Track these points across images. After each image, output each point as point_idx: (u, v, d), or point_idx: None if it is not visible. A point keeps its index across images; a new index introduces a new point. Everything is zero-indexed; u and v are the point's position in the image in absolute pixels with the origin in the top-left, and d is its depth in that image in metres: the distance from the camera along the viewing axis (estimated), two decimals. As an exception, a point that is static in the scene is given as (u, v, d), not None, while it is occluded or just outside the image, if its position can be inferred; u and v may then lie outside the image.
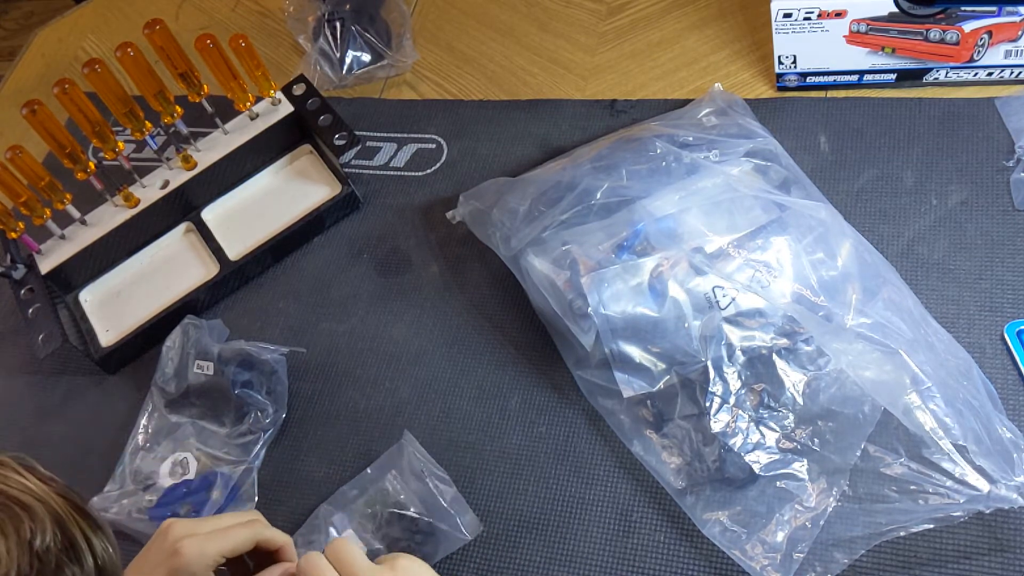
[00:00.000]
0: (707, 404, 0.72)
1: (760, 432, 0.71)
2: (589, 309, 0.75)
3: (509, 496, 0.77)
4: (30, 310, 0.89)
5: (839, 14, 0.86)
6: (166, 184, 0.94)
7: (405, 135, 1.01)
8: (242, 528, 0.65)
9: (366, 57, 1.05)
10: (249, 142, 0.95)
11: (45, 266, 0.91)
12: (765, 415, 0.72)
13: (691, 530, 0.71)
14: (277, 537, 0.67)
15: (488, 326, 0.86)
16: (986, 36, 0.84)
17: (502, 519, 0.76)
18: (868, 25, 0.86)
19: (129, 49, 0.86)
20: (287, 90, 0.97)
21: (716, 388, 0.72)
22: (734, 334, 0.73)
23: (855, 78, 0.90)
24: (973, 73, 0.87)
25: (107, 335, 0.92)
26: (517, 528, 0.75)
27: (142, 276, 0.96)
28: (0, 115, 1.17)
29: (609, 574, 0.72)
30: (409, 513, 0.75)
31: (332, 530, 0.75)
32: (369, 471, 0.79)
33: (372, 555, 0.66)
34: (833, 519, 0.68)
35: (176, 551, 0.62)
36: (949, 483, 0.66)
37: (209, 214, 0.97)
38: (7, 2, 2.55)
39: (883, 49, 0.87)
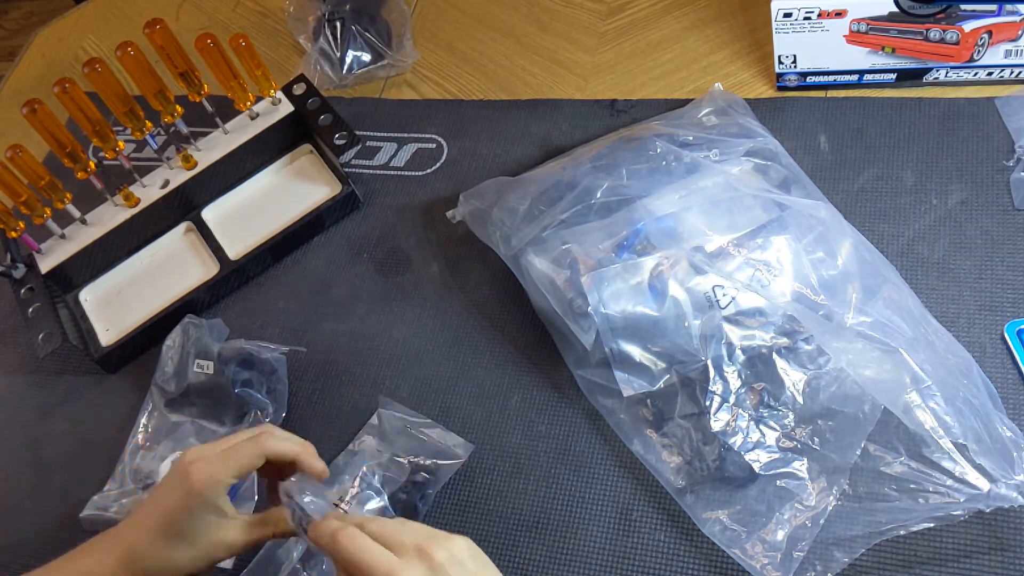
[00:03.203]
0: (707, 403, 0.72)
1: (760, 431, 0.71)
2: (589, 308, 0.75)
3: (509, 495, 0.77)
4: (30, 309, 0.89)
5: (839, 14, 0.86)
6: (166, 184, 0.94)
7: (405, 135, 1.01)
8: (248, 444, 0.63)
9: (366, 57, 1.05)
10: (249, 142, 0.95)
11: (45, 265, 0.91)
12: (765, 414, 0.72)
13: (691, 529, 0.71)
14: (287, 448, 0.63)
15: (488, 326, 0.86)
16: (986, 36, 0.84)
17: (502, 518, 0.76)
18: (868, 25, 0.86)
19: (129, 48, 0.86)
20: (287, 90, 0.97)
21: (716, 387, 0.72)
22: (734, 333, 0.73)
23: (855, 78, 0.90)
24: (973, 73, 0.87)
25: (107, 334, 0.92)
26: (517, 527, 0.75)
27: (142, 276, 0.96)
28: (0, 115, 1.18)
29: (609, 573, 0.72)
30: (404, 460, 0.77)
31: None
32: (352, 445, 0.80)
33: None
34: (833, 518, 0.68)
35: (187, 474, 0.61)
36: (949, 482, 0.66)
37: (209, 214, 0.97)
38: (7, 2, 2.55)
39: (883, 49, 0.87)
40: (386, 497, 0.75)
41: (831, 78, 0.91)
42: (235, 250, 0.94)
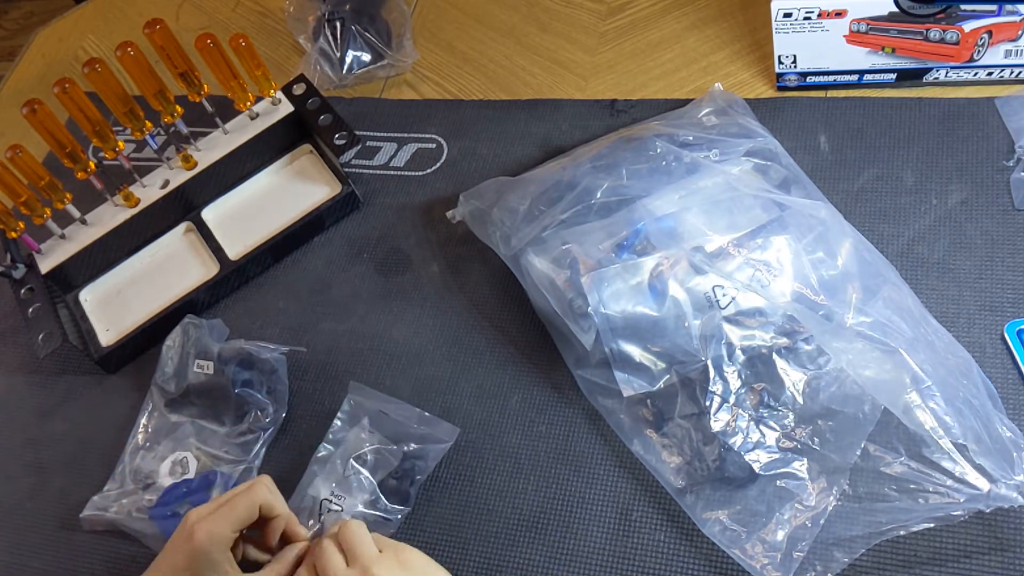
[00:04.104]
0: (707, 403, 0.72)
1: (760, 431, 0.71)
2: (589, 308, 0.75)
3: (509, 495, 0.77)
4: (30, 310, 0.89)
5: (839, 14, 0.86)
6: (166, 184, 0.94)
7: (405, 135, 1.01)
8: (243, 497, 0.65)
9: (366, 57, 1.05)
10: (249, 142, 0.95)
11: (45, 266, 0.91)
12: (765, 414, 0.72)
13: (691, 529, 0.71)
14: (276, 505, 0.67)
15: (488, 326, 0.86)
16: (986, 36, 0.84)
17: (502, 518, 0.76)
18: (868, 25, 0.86)
19: (129, 48, 0.86)
20: (287, 90, 0.97)
21: (716, 387, 0.72)
22: (734, 333, 0.73)
23: (855, 78, 0.90)
24: (973, 73, 0.87)
25: (107, 335, 0.92)
26: (517, 527, 0.75)
27: (142, 276, 0.96)
28: (0, 115, 1.18)
29: (609, 573, 0.72)
30: (390, 448, 0.77)
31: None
32: (331, 435, 0.80)
33: (374, 522, 0.67)
34: (833, 518, 0.68)
35: (190, 535, 0.63)
36: (949, 482, 0.66)
37: (209, 214, 0.97)
38: (7, 2, 2.55)
39: (883, 49, 0.87)
40: (376, 485, 0.76)
41: (831, 78, 0.91)
42: (235, 250, 0.94)
